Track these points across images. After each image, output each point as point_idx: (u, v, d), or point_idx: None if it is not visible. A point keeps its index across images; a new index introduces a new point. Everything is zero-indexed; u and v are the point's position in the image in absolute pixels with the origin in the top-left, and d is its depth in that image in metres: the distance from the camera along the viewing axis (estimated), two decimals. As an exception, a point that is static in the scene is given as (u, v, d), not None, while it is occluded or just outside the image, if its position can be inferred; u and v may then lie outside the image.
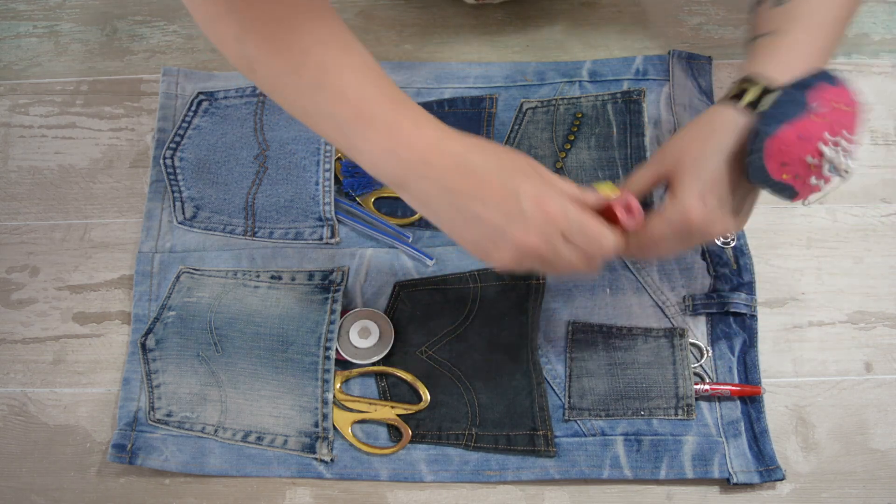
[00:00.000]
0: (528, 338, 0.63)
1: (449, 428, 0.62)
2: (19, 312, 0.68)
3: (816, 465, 0.61)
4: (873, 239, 0.69)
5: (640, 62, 0.75)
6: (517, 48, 0.78)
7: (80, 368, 0.66)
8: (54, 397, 0.65)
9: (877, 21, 0.79)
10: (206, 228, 0.69)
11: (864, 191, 0.71)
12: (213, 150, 0.71)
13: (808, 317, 0.66)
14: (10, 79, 0.79)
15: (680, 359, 0.62)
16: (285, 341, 0.63)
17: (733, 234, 0.65)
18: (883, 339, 0.65)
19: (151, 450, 0.61)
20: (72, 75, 0.78)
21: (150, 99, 0.76)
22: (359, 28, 0.80)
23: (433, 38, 0.80)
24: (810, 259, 0.68)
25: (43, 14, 0.82)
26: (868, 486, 0.61)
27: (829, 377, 0.64)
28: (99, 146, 0.75)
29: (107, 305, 0.68)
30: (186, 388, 0.63)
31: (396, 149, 0.48)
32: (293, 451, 0.61)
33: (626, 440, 0.61)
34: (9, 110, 0.77)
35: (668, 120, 0.72)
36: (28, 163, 0.74)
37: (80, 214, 0.72)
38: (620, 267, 0.66)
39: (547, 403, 0.62)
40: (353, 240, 0.68)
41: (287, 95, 0.50)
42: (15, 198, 0.73)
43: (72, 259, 0.70)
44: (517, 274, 0.64)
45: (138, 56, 0.79)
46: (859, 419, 0.63)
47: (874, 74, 0.76)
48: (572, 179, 0.69)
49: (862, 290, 0.67)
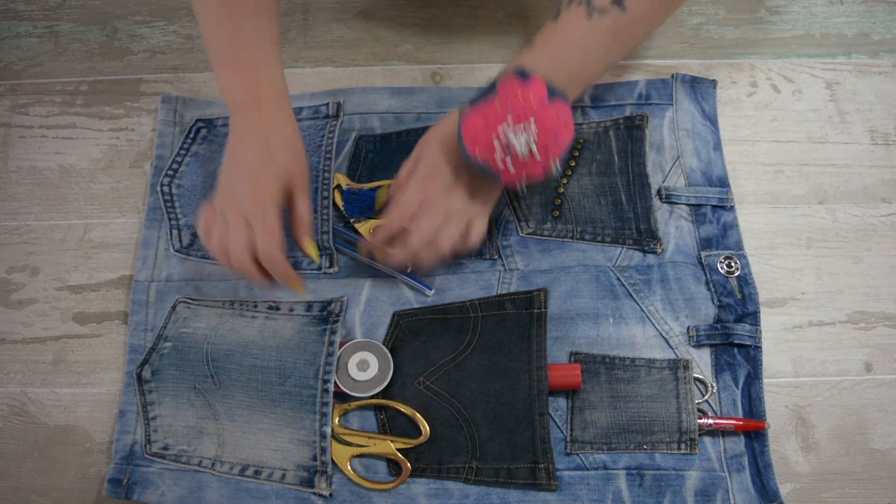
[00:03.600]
0: (528, 368, 0.62)
1: (449, 461, 0.60)
2: (19, 312, 0.68)
3: (816, 465, 0.61)
4: (873, 239, 0.69)
5: (642, 86, 0.74)
6: (517, 48, 0.78)
7: (80, 368, 0.66)
8: (54, 397, 0.65)
9: (877, 21, 0.80)
10: (202, 257, 0.68)
11: (864, 191, 0.71)
12: (211, 178, 0.70)
13: (808, 317, 0.66)
14: (10, 79, 0.79)
15: (683, 392, 0.61)
16: (283, 374, 0.62)
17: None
18: (883, 339, 0.65)
19: (148, 484, 0.60)
20: (72, 75, 0.78)
21: (150, 99, 0.76)
22: (359, 28, 0.80)
23: (433, 38, 0.80)
24: (810, 259, 0.68)
25: (43, 14, 0.82)
26: (868, 486, 0.61)
27: (829, 377, 0.64)
28: (99, 146, 0.75)
29: (107, 305, 0.68)
30: (183, 420, 0.62)
31: (233, 90, 0.60)
32: (291, 486, 0.60)
33: (628, 474, 0.60)
34: (9, 110, 0.77)
35: (672, 145, 0.71)
36: (28, 163, 0.74)
37: (80, 214, 0.72)
38: (624, 296, 0.65)
39: (549, 436, 0.60)
40: (352, 269, 0.68)
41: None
42: (15, 198, 0.73)
43: (72, 259, 0.70)
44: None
45: (138, 56, 0.79)
46: (859, 419, 0.63)
47: (874, 74, 0.76)
48: (574, 206, 0.69)
49: (862, 290, 0.67)
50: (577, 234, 0.68)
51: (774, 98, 0.76)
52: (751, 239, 0.68)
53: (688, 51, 0.78)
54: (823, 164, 0.72)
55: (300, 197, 0.61)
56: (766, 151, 0.73)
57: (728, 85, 0.76)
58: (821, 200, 0.71)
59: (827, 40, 0.79)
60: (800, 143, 0.73)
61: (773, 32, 0.79)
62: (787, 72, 0.77)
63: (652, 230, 0.67)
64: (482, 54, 0.78)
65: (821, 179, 0.72)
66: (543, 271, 0.66)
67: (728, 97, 0.75)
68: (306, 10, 0.82)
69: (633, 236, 0.67)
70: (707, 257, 0.66)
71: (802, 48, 0.78)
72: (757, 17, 0.80)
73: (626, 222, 0.68)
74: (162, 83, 0.77)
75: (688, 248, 0.67)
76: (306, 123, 0.73)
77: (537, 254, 0.67)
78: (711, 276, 0.65)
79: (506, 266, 0.67)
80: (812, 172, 0.72)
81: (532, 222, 0.68)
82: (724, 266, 0.66)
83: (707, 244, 0.67)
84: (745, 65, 0.77)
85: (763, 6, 0.81)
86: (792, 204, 0.71)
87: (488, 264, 0.67)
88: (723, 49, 0.78)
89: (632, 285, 0.65)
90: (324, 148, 0.71)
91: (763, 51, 0.78)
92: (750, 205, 0.70)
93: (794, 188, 0.71)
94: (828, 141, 0.73)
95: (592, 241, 0.67)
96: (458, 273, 0.67)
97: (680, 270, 0.66)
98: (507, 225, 0.69)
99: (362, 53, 0.79)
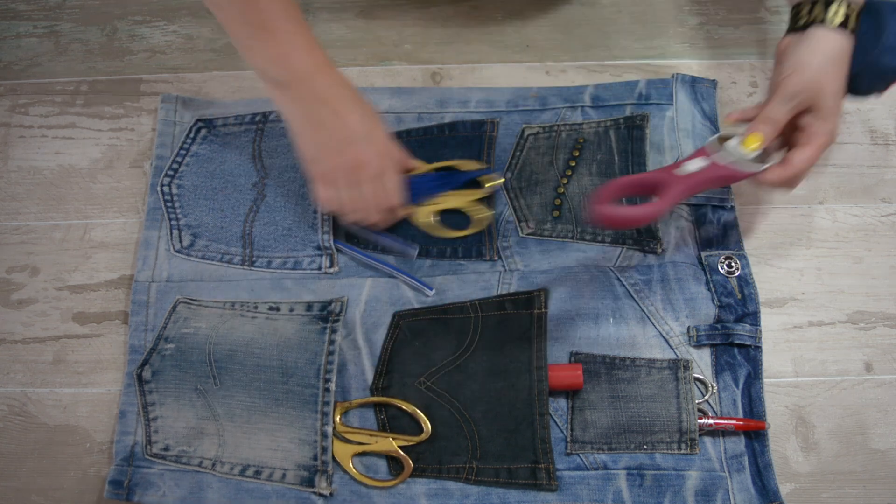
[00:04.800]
0: (529, 368, 0.62)
1: (449, 461, 0.60)
2: (19, 312, 0.68)
3: (816, 465, 0.61)
4: (873, 239, 0.69)
5: (642, 86, 0.74)
6: (517, 48, 0.78)
7: (80, 368, 0.66)
8: (54, 397, 0.65)
9: (877, 21, 0.79)
10: (203, 257, 0.68)
11: (864, 191, 0.71)
12: (212, 178, 0.71)
13: (808, 317, 0.66)
14: (10, 79, 0.79)
15: (684, 392, 0.61)
16: (285, 373, 0.62)
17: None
18: (883, 339, 0.65)
19: (149, 485, 0.60)
20: (72, 75, 0.78)
21: (150, 99, 0.76)
22: (359, 28, 0.80)
23: (433, 38, 0.80)
24: (810, 259, 0.68)
25: (43, 14, 0.82)
26: (868, 486, 0.61)
27: (828, 377, 0.64)
28: (99, 146, 0.75)
29: (107, 305, 0.68)
30: (183, 421, 0.62)
31: (289, 60, 0.58)
32: (292, 486, 0.60)
33: (628, 474, 0.60)
34: (9, 110, 0.77)
35: (672, 145, 0.71)
36: (28, 163, 0.74)
37: (80, 214, 0.72)
38: (624, 296, 0.65)
39: (549, 436, 0.60)
40: (353, 269, 0.68)
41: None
42: (15, 198, 0.73)
43: (72, 259, 0.70)
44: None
45: (138, 56, 0.79)
46: (859, 419, 0.63)
47: (874, 74, 0.76)
48: (574, 206, 0.69)
49: (862, 290, 0.67)
50: (577, 235, 0.68)
51: (774, 98, 0.76)
52: (751, 239, 0.68)
53: (688, 51, 0.78)
54: (823, 164, 0.72)
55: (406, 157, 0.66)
56: (766, 151, 0.73)
57: (728, 85, 0.76)
58: (821, 200, 0.71)
59: (827, 40, 0.79)
60: (800, 143, 0.73)
61: (773, 32, 0.79)
62: (787, 72, 0.77)
63: (652, 230, 0.67)
64: (482, 54, 0.78)
65: (821, 179, 0.72)
66: (543, 271, 0.66)
67: (728, 97, 0.75)
68: (306, 10, 0.82)
69: (634, 236, 0.67)
70: (707, 257, 0.66)
71: (802, 48, 0.78)
72: (757, 17, 0.80)
73: None
74: (162, 83, 0.77)
75: (688, 249, 0.67)
76: None
77: (537, 254, 0.67)
78: (711, 276, 0.65)
79: (506, 266, 0.67)
80: (812, 172, 0.72)
81: (532, 222, 0.68)
82: (724, 266, 0.66)
83: (707, 244, 0.67)
84: (745, 65, 0.77)
85: (763, 6, 0.81)
86: (792, 204, 0.71)
87: (488, 265, 0.67)
88: (723, 49, 0.78)
89: (632, 285, 0.65)
90: None
91: (763, 51, 0.78)
92: (750, 205, 0.70)
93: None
94: (828, 141, 0.73)
95: (592, 242, 0.67)
96: (459, 273, 0.67)
97: (680, 270, 0.66)
98: (507, 225, 0.69)
99: (362, 53, 0.79)
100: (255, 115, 0.73)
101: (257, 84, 0.77)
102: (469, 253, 0.68)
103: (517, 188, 0.70)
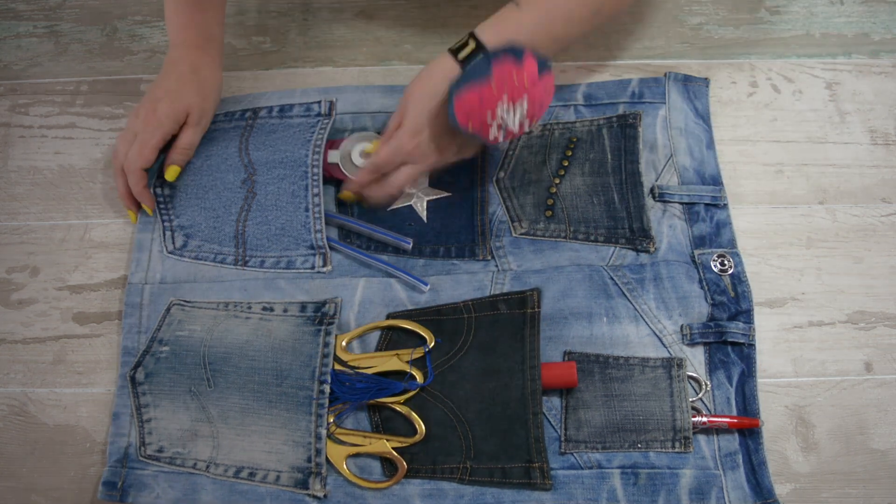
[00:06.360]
0: (522, 368, 0.62)
1: (443, 462, 0.60)
2: (19, 312, 0.68)
3: (816, 465, 0.61)
4: (873, 239, 0.69)
5: (635, 84, 0.74)
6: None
7: (80, 368, 0.66)
8: (54, 397, 0.65)
9: (877, 21, 0.79)
10: (196, 258, 0.68)
11: (864, 191, 0.71)
12: (199, 174, 0.70)
13: (808, 317, 0.66)
14: (10, 79, 0.79)
15: (677, 390, 0.61)
16: (280, 375, 0.62)
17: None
18: (883, 339, 0.65)
19: (142, 487, 0.60)
20: (72, 75, 0.79)
21: (150, 99, 0.76)
22: (359, 28, 0.80)
23: (433, 38, 0.80)
24: (810, 259, 0.68)
25: (43, 14, 0.82)
26: (868, 486, 0.61)
27: (828, 377, 0.64)
28: (99, 146, 0.75)
29: (107, 305, 0.68)
30: (177, 423, 0.62)
31: (169, 28, 0.70)
32: (286, 488, 0.60)
33: (622, 473, 0.60)
34: (9, 110, 0.77)
35: (665, 144, 0.71)
36: (28, 163, 0.74)
37: (80, 214, 0.72)
38: (617, 295, 0.65)
39: (543, 435, 0.60)
40: (346, 269, 0.68)
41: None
42: (15, 198, 0.73)
43: (72, 259, 0.70)
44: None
45: (138, 56, 0.79)
46: (859, 419, 0.63)
47: (874, 74, 0.76)
48: (566, 206, 0.69)
49: (862, 290, 0.67)
50: (570, 234, 0.68)
51: (774, 98, 0.75)
52: (751, 239, 0.68)
53: (688, 51, 0.78)
54: (823, 164, 0.72)
55: (188, 128, 0.69)
56: (765, 151, 0.73)
57: (728, 85, 0.76)
58: (821, 200, 0.71)
59: (827, 40, 0.79)
60: (800, 143, 0.73)
61: (773, 32, 0.79)
62: (787, 72, 0.77)
63: (645, 229, 0.67)
64: (482, 54, 0.78)
65: (821, 179, 0.72)
66: (536, 271, 0.66)
67: (728, 97, 0.75)
68: (306, 10, 0.82)
69: (626, 235, 0.67)
70: (700, 255, 0.66)
71: (802, 48, 0.78)
72: (757, 17, 0.80)
73: (619, 221, 0.68)
74: (162, 83, 0.77)
75: (681, 247, 0.67)
76: (297, 120, 0.72)
77: (530, 254, 0.67)
78: (705, 274, 0.65)
79: (499, 266, 0.67)
80: (812, 172, 0.72)
81: (525, 222, 0.68)
82: (717, 264, 0.66)
83: (700, 242, 0.67)
84: (745, 65, 0.77)
85: (763, 6, 0.81)
86: (792, 204, 0.71)
87: (482, 265, 0.67)
88: (723, 49, 0.78)
89: (625, 284, 0.65)
90: (312, 142, 0.70)
91: (763, 51, 0.78)
92: (750, 204, 0.70)
93: (793, 188, 0.71)
94: (828, 141, 0.73)
95: (585, 241, 0.67)
96: (452, 273, 0.67)
97: (673, 269, 0.65)
98: (500, 225, 0.69)
99: (362, 53, 0.79)
100: (244, 111, 0.73)
101: (256, 84, 0.77)
102: (462, 253, 0.68)
103: (510, 188, 0.70)
